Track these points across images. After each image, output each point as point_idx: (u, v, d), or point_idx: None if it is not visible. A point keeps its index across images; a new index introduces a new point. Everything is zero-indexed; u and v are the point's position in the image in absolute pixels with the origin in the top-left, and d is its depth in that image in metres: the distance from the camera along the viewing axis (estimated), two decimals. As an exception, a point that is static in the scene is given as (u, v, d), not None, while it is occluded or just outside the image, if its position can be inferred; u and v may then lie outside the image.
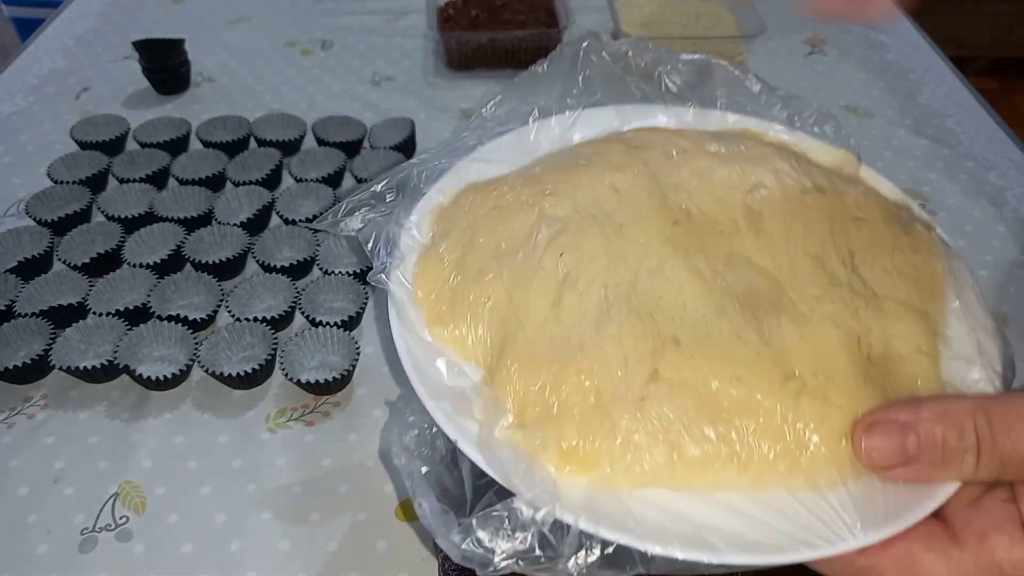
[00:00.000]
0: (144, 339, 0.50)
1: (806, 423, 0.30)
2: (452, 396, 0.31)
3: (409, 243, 0.37)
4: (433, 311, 0.35)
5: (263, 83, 0.79)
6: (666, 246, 0.34)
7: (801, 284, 0.33)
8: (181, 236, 0.57)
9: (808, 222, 0.35)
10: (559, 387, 0.31)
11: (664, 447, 0.30)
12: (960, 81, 0.80)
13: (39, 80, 0.78)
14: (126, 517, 0.43)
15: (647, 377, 0.30)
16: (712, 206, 0.36)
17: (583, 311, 0.32)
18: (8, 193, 0.65)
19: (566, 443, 0.30)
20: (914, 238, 0.37)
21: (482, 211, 0.37)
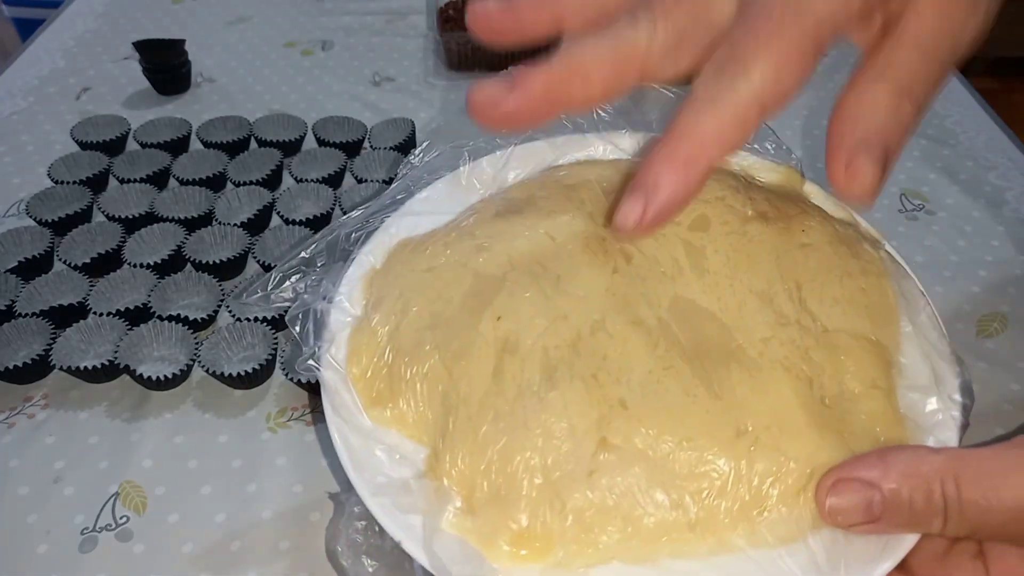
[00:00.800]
0: (144, 339, 0.50)
1: (762, 480, 0.29)
2: (394, 488, 0.30)
3: (339, 319, 0.35)
4: (369, 391, 0.33)
5: (263, 83, 0.79)
6: (607, 298, 0.32)
7: (749, 326, 0.32)
8: (182, 236, 0.57)
9: (752, 256, 0.34)
10: (505, 466, 0.29)
11: (618, 521, 0.28)
12: (960, 81, 0.80)
13: (39, 80, 0.79)
14: (126, 517, 0.43)
15: (595, 447, 0.29)
16: (652, 245, 0.34)
17: (525, 380, 0.30)
18: (8, 193, 0.65)
19: (516, 526, 0.28)
20: (863, 260, 0.35)
21: (414, 275, 0.35)
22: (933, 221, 0.63)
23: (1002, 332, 0.54)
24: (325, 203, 0.61)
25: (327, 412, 0.32)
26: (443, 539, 0.29)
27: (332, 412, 0.32)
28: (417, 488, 0.30)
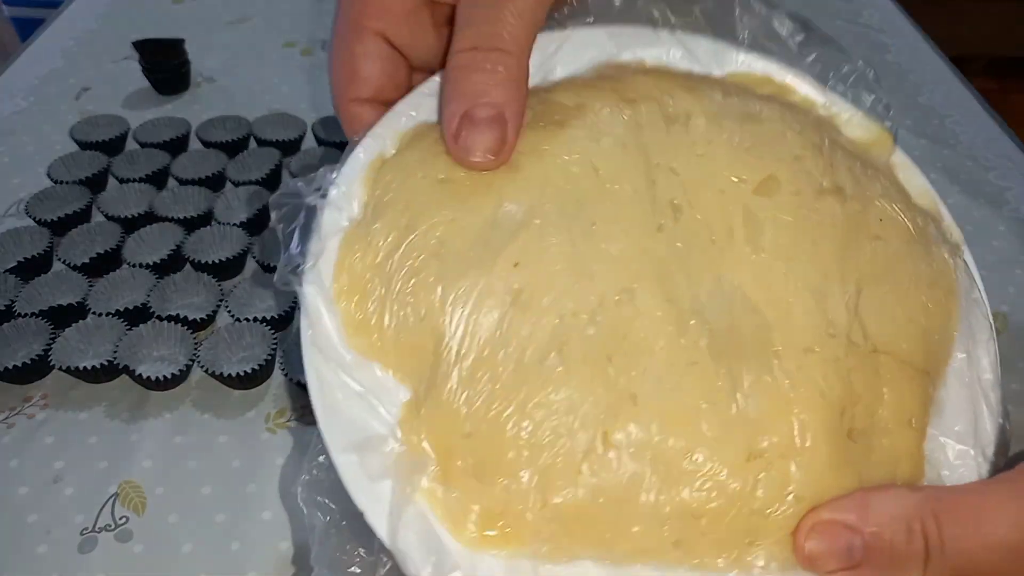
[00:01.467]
0: (144, 339, 0.50)
1: (760, 511, 0.26)
2: (366, 446, 0.27)
3: (333, 220, 0.29)
4: (356, 315, 0.28)
5: (263, 83, 0.78)
6: (643, 261, 0.28)
7: (794, 329, 0.28)
8: (181, 236, 0.57)
9: (818, 241, 0.29)
10: (492, 439, 0.26)
11: (601, 528, 0.26)
12: (960, 81, 0.80)
13: (39, 80, 0.78)
14: (126, 517, 0.43)
15: (593, 440, 0.26)
16: (709, 203, 0.29)
17: (532, 345, 0.27)
18: (8, 193, 0.65)
19: (490, 511, 0.26)
20: (935, 268, 0.31)
21: (427, 184, 0.29)
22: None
23: (1003, 332, 0.54)
24: (325, 203, 0.61)
25: (304, 342, 0.28)
26: (409, 518, 0.26)
27: (310, 343, 0.28)
28: (393, 450, 0.27)
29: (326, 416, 0.27)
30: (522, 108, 0.29)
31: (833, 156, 0.31)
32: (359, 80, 0.33)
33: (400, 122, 0.32)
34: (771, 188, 0.30)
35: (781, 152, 0.31)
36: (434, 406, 0.27)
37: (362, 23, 0.33)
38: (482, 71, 0.28)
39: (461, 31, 0.29)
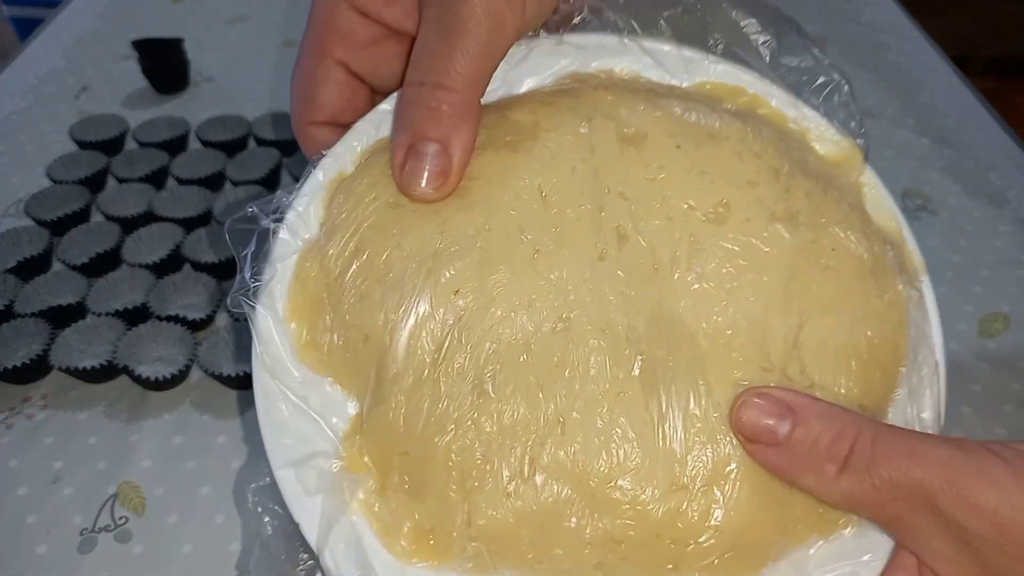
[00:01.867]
0: (143, 339, 0.50)
1: (683, 540, 0.27)
2: (307, 461, 0.28)
3: (287, 241, 0.30)
4: (309, 332, 0.29)
5: (262, 82, 0.78)
6: (582, 291, 0.28)
7: (728, 362, 0.28)
8: (180, 236, 0.57)
9: (763, 270, 0.29)
10: (425, 460, 0.27)
11: (524, 549, 0.27)
12: (961, 81, 0.79)
13: (38, 80, 0.78)
14: (125, 517, 0.43)
15: (520, 467, 0.27)
16: (656, 230, 0.29)
17: (467, 373, 0.28)
18: (7, 193, 0.65)
19: (421, 527, 0.27)
20: (886, 300, 0.30)
21: (377, 208, 0.30)
22: (935, 221, 0.62)
23: (1004, 332, 0.54)
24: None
25: (254, 362, 0.29)
26: (343, 528, 0.27)
27: (259, 364, 0.29)
28: (332, 466, 0.28)
29: (270, 433, 0.28)
30: (468, 142, 0.30)
31: (791, 180, 0.31)
32: (315, 105, 0.34)
33: (361, 140, 0.32)
34: (721, 215, 0.30)
35: (736, 177, 0.31)
36: (375, 424, 0.28)
37: (325, 49, 0.33)
38: (426, 107, 0.29)
39: (412, 65, 0.30)
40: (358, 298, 0.29)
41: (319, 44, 0.33)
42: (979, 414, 0.49)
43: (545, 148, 0.31)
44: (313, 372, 0.29)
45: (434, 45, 0.30)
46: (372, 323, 0.28)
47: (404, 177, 0.29)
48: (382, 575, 0.27)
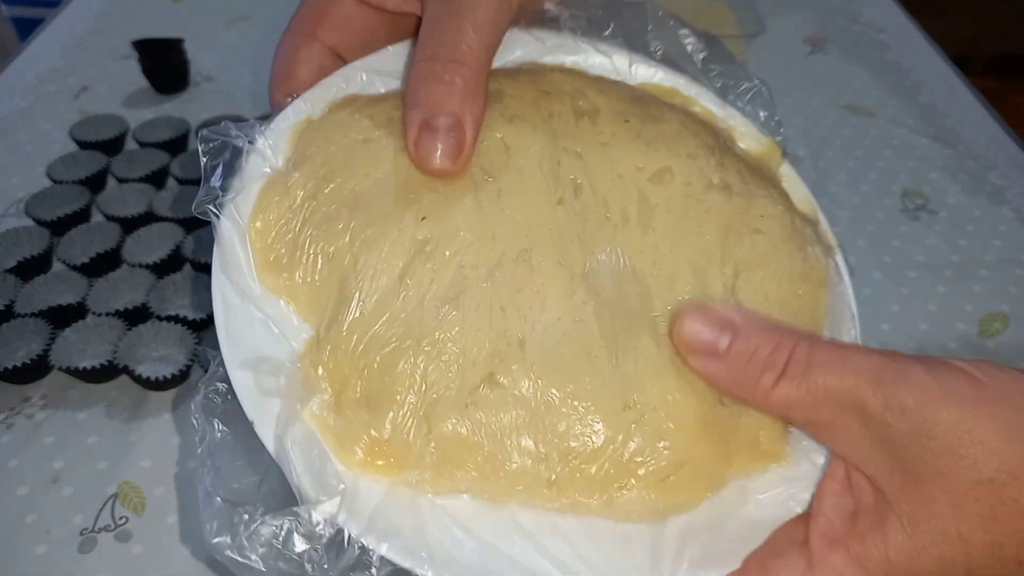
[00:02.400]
0: (143, 339, 0.50)
1: (632, 458, 0.28)
2: (263, 367, 0.28)
3: (256, 165, 0.32)
4: (267, 254, 0.30)
5: (262, 82, 0.78)
6: (542, 229, 0.31)
7: (673, 300, 0.30)
8: (180, 236, 0.57)
9: (703, 226, 0.32)
10: (384, 373, 0.28)
11: (480, 460, 0.28)
12: (961, 80, 0.79)
13: (38, 79, 0.78)
14: (125, 517, 0.43)
15: (480, 381, 0.28)
16: (608, 185, 0.32)
17: (431, 291, 0.29)
18: (7, 193, 0.65)
19: (378, 436, 0.28)
20: (808, 264, 0.34)
21: (347, 142, 0.32)
22: (934, 220, 0.62)
23: (1004, 331, 0.54)
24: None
25: (214, 267, 0.29)
26: (296, 433, 0.27)
27: (219, 269, 0.29)
28: (287, 372, 0.28)
29: (228, 335, 0.29)
30: (479, 116, 0.31)
31: (724, 158, 0.35)
32: (295, 81, 0.35)
33: (330, 92, 0.34)
34: (665, 178, 0.33)
35: (678, 149, 0.34)
36: (334, 341, 0.29)
37: (315, 33, 0.35)
38: (440, 82, 0.30)
39: (422, 42, 0.31)
40: (324, 220, 0.30)
41: (311, 25, 0.35)
42: (979, 414, 0.49)
43: (508, 108, 0.33)
44: (271, 294, 0.30)
45: (446, 21, 0.30)
46: (337, 244, 0.30)
47: (420, 152, 0.30)
48: (336, 485, 0.27)
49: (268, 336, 0.29)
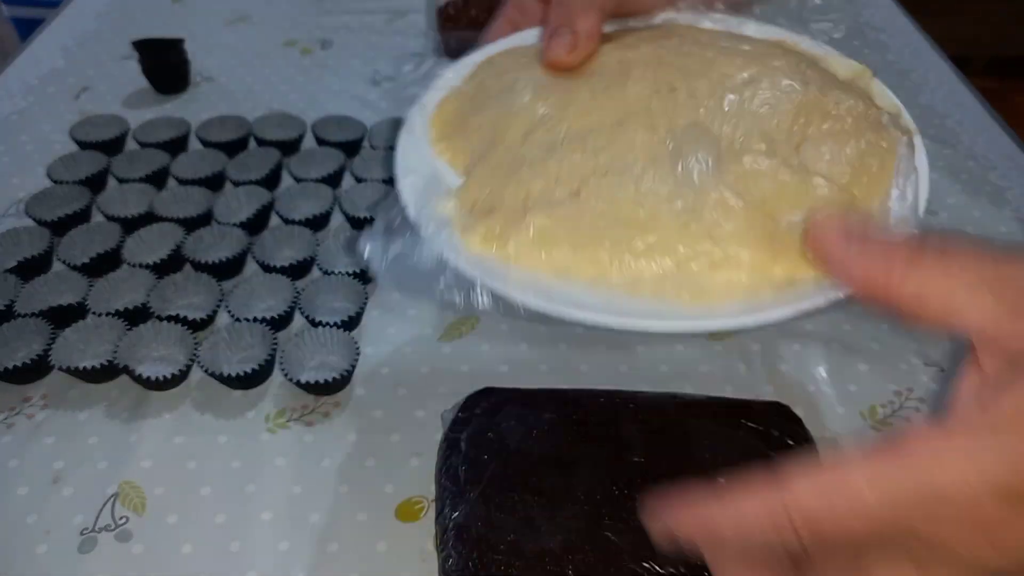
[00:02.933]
0: (144, 339, 0.50)
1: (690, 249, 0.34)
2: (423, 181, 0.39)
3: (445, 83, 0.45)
4: (442, 129, 0.42)
5: (263, 83, 0.78)
6: (637, 109, 0.39)
7: (739, 150, 0.37)
8: (181, 236, 0.57)
9: (777, 106, 0.39)
10: (500, 194, 0.37)
11: (566, 246, 0.35)
12: (960, 81, 0.80)
13: (39, 80, 0.78)
14: (126, 517, 0.43)
15: (570, 193, 0.36)
16: (699, 87, 0.40)
17: (545, 140, 0.38)
18: (8, 193, 0.65)
19: (491, 228, 0.36)
20: (880, 135, 0.38)
21: (501, 70, 0.45)
22: (934, 221, 0.62)
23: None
24: (324, 203, 0.61)
25: (400, 136, 0.41)
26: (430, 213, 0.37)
27: (404, 136, 0.41)
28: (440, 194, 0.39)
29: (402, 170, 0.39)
30: (590, 28, 0.42)
31: (808, 70, 0.41)
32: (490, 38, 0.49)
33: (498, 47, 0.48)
34: (752, 82, 0.40)
35: (767, 61, 0.41)
36: (473, 177, 0.39)
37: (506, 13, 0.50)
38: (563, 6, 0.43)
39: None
40: (478, 108, 0.42)
41: (505, 11, 0.50)
42: (978, 414, 0.49)
43: (627, 42, 0.44)
44: (438, 156, 0.41)
45: None
46: (483, 122, 0.41)
47: (547, 50, 0.42)
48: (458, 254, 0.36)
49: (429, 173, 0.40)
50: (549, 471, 0.41)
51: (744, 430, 0.43)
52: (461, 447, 0.42)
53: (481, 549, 0.38)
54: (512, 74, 0.44)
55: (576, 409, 0.44)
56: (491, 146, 0.40)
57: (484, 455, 0.42)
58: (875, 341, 0.53)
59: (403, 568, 0.41)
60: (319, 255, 0.56)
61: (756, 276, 0.34)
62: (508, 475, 0.41)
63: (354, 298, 0.53)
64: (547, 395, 0.45)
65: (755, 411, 0.44)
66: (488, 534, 0.38)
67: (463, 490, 0.40)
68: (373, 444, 0.47)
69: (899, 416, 0.49)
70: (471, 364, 0.52)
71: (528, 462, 0.41)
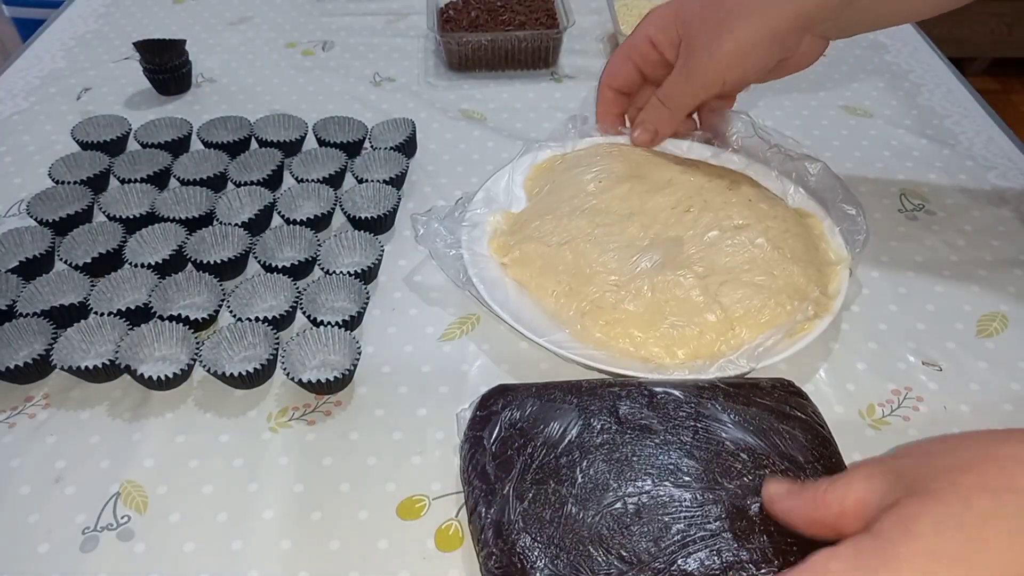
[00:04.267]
0: (145, 339, 0.50)
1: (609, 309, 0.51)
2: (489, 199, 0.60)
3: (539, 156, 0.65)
4: (535, 174, 0.63)
5: (264, 84, 0.79)
6: (650, 211, 0.56)
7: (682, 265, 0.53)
8: (183, 236, 0.57)
9: (736, 253, 0.53)
10: (528, 223, 0.57)
11: (535, 269, 0.54)
12: (959, 81, 0.80)
13: (40, 80, 0.79)
14: (128, 516, 0.44)
15: (559, 241, 0.55)
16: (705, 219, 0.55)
17: (575, 205, 0.57)
18: (10, 193, 0.65)
19: (506, 241, 0.57)
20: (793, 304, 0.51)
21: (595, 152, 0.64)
22: (933, 221, 0.63)
23: (1002, 332, 0.54)
24: (326, 203, 0.61)
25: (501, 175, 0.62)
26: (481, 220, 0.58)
27: (510, 168, 0.63)
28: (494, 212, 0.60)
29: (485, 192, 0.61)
30: (666, 133, 0.63)
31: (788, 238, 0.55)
32: (613, 75, 0.63)
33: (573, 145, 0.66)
34: (737, 229, 0.55)
35: (762, 220, 0.55)
36: (527, 206, 0.61)
37: (627, 52, 0.61)
38: (657, 109, 0.61)
39: (662, 87, 0.60)
40: (570, 165, 0.63)
41: (627, 46, 0.61)
42: (977, 414, 0.49)
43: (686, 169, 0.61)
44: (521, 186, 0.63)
45: (673, 79, 0.58)
46: (560, 176, 0.61)
47: (633, 138, 0.63)
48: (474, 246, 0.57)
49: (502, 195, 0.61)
50: (576, 460, 0.41)
51: (756, 407, 0.44)
52: (484, 444, 0.42)
53: (523, 543, 0.38)
54: (596, 158, 0.61)
55: (592, 398, 0.44)
56: (549, 194, 0.59)
57: (509, 450, 0.42)
58: (873, 341, 0.53)
59: (404, 566, 0.41)
60: (320, 255, 0.56)
61: (637, 344, 0.50)
62: (537, 468, 0.41)
63: (355, 298, 0.53)
64: (562, 387, 0.45)
65: (763, 389, 0.45)
66: (527, 528, 0.39)
67: (494, 487, 0.41)
68: (374, 443, 0.47)
69: (897, 415, 0.49)
70: (471, 363, 0.52)
71: (554, 453, 0.42)
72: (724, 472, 0.40)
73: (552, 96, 0.77)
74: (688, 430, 0.42)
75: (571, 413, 0.43)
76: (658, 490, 0.40)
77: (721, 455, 0.41)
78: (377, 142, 0.67)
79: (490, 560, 0.38)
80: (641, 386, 0.45)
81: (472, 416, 0.44)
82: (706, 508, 0.39)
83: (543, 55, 0.79)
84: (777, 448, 0.42)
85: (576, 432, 0.42)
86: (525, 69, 0.80)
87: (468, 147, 0.70)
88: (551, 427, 0.43)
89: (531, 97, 0.77)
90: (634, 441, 0.42)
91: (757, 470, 0.41)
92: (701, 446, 0.42)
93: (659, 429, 0.42)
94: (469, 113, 0.74)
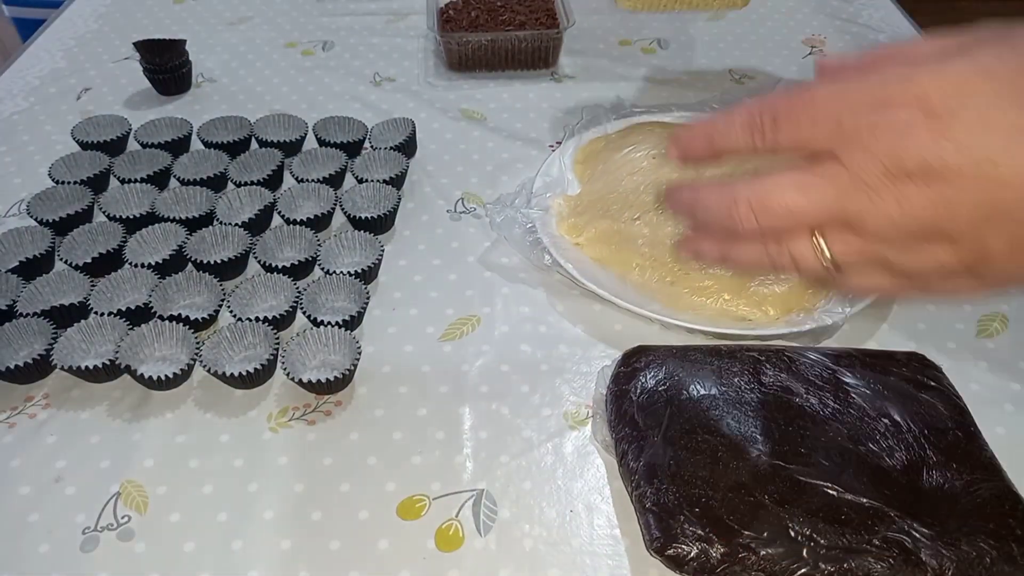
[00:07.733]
0: (145, 339, 0.50)
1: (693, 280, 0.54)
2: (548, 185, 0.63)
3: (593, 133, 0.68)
4: (584, 156, 0.65)
5: (264, 84, 0.79)
6: None
7: None
8: (183, 236, 0.57)
9: None
10: (593, 203, 0.60)
11: (613, 246, 0.57)
12: (960, 81, 0.79)
13: (40, 80, 0.79)
14: (128, 516, 0.44)
15: (631, 217, 0.58)
16: None
17: (635, 182, 0.60)
18: (9, 193, 0.65)
19: (576, 222, 0.59)
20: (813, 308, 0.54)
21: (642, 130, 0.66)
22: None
23: (1002, 332, 0.54)
24: (326, 203, 0.61)
25: (555, 153, 0.66)
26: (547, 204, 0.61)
27: (558, 152, 0.66)
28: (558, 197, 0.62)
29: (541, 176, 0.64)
30: None
31: None
32: None
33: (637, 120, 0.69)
34: None
35: None
36: (586, 187, 0.63)
37: None
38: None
39: None
40: (617, 146, 0.65)
41: None
42: (978, 414, 0.49)
43: None
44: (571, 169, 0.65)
45: None
46: (613, 157, 0.63)
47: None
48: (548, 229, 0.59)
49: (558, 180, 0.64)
50: (722, 414, 0.44)
51: (895, 376, 0.46)
52: (632, 397, 0.45)
53: (676, 483, 0.40)
54: (640, 136, 0.64)
55: (732, 361, 0.47)
56: (604, 174, 0.62)
57: (657, 403, 0.44)
58: (874, 341, 0.53)
59: (405, 566, 0.41)
60: (320, 255, 0.56)
61: (730, 307, 0.53)
62: (684, 419, 0.43)
63: (355, 298, 0.53)
64: (701, 350, 0.48)
65: (899, 360, 0.48)
66: (679, 471, 0.41)
67: (644, 434, 0.43)
68: (374, 442, 0.47)
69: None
70: (472, 363, 0.52)
71: (700, 407, 0.44)
72: (868, 436, 0.42)
73: (552, 96, 0.77)
74: (829, 394, 0.45)
75: (713, 373, 0.46)
76: (803, 448, 0.42)
77: (864, 419, 0.43)
78: (377, 142, 0.67)
79: (643, 501, 0.41)
80: (780, 351, 0.47)
81: (616, 372, 0.48)
82: (847, 471, 0.41)
83: (543, 55, 0.79)
84: (918, 416, 0.43)
85: (720, 390, 0.45)
86: (525, 69, 0.80)
87: (468, 147, 0.70)
88: (695, 384, 0.45)
89: (531, 97, 0.77)
90: (777, 400, 0.44)
91: (899, 435, 0.42)
92: (844, 410, 0.44)
93: (801, 392, 0.45)
94: (469, 113, 0.74)
